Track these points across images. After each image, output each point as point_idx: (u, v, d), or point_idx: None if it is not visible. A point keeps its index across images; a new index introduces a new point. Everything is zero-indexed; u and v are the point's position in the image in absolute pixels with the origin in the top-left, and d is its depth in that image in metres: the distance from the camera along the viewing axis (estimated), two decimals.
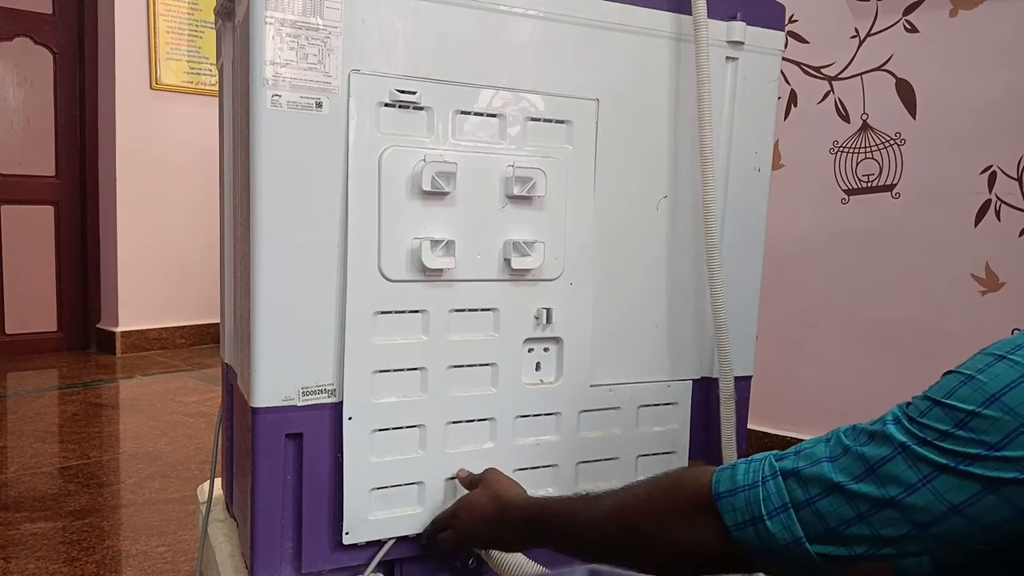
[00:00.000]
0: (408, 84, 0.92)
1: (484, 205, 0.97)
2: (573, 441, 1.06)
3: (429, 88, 0.93)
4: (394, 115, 0.91)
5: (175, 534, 1.64)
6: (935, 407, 0.56)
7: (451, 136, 0.95)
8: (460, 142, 0.95)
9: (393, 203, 0.91)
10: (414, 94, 0.92)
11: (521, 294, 1.00)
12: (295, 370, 0.89)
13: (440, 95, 0.93)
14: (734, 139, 1.13)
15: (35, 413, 2.55)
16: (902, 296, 1.86)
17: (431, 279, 0.94)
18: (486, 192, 0.97)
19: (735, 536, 0.63)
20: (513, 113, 0.97)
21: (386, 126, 0.91)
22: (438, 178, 0.92)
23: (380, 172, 0.90)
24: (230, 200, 1.11)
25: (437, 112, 0.93)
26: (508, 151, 0.98)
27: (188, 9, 3.55)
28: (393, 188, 0.91)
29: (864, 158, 1.91)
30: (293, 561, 0.92)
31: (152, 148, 3.50)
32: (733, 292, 1.14)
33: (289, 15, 0.85)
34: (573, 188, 1.02)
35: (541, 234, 1.00)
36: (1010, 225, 1.71)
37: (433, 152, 0.93)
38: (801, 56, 2.00)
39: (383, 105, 0.90)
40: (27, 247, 3.45)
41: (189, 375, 3.14)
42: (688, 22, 1.04)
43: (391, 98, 0.91)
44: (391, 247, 0.92)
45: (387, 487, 0.95)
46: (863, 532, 0.58)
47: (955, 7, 1.76)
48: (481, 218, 0.97)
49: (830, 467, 0.59)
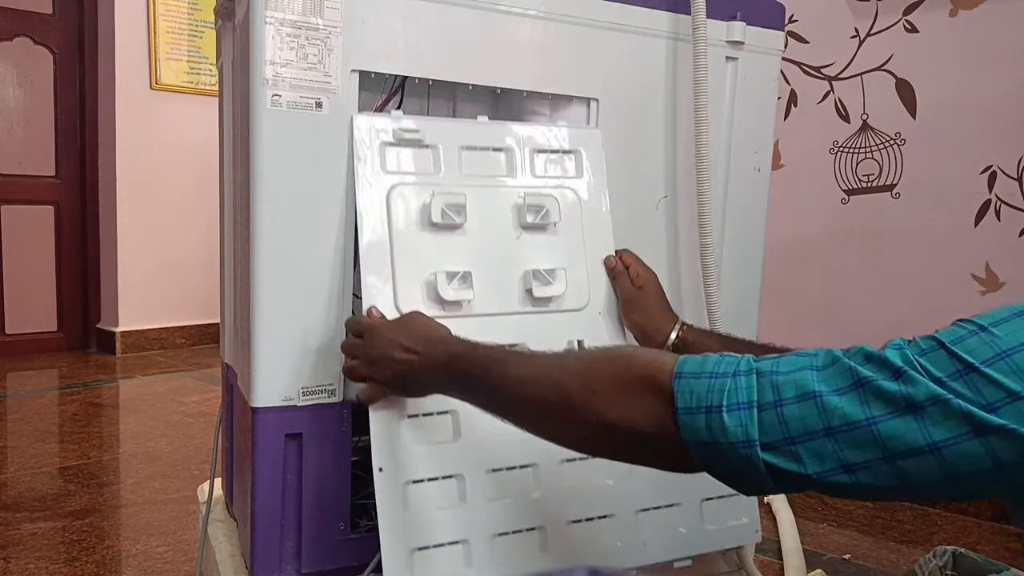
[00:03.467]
0: (411, 123, 0.91)
1: (499, 235, 0.94)
2: (626, 483, 0.95)
3: (433, 126, 0.92)
4: (399, 154, 0.90)
5: (175, 534, 1.64)
6: (939, 349, 0.52)
7: (460, 170, 0.93)
8: (469, 176, 0.93)
9: (405, 238, 0.89)
10: (417, 132, 0.91)
11: (548, 326, 0.95)
12: (295, 370, 0.89)
13: (445, 132, 0.92)
14: (734, 139, 1.13)
15: (35, 413, 2.55)
16: (902, 296, 1.86)
17: (451, 314, 0.89)
18: (499, 222, 0.94)
19: (682, 419, 0.58)
20: (520, 146, 0.96)
21: (392, 165, 0.90)
22: (448, 210, 0.89)
23: (389, 209, 0.89)
24: (230, 200, 1.11)
25: (443, 149, 0.92)
26: (518, 182, 0.96)
27: (188, 9, 3.55)
28: (404, 223, 0.89)
29: (864, 158, 1.91)
30: (293, 561, 0.92)
31: (152, 148, 3.49)
32: (733, 292, 1.14)
33: (289, 15, 0.85)
34: (589, 215, 0.99)
35: (561, 261, 0.96)
36: (1010, 225, 1.71)
37: (442, 186, 0.91)
38: (801, 56, 2.00)
39: (388, 145, 0.89)
40: (27, 247, 3.45)
41: (189, 375, 3.13)
42: (688, 22, 1.04)
43: (395, 138, 0.90)
44: (406, 282, 0.88)
45: (428, 547, 0.84)
46: (825, 448, 0.53)
47: (955, 7, 1.76)
48: (497, 248, 0.94)
49: (813, 375, 0.54)
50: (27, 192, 3.43)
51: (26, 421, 2.45)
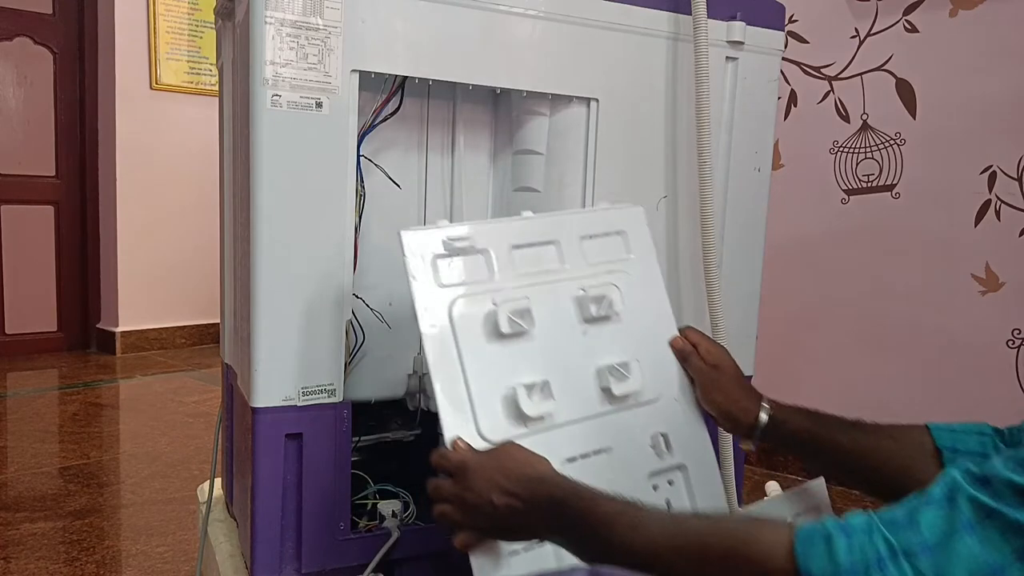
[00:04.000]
0: (459, 231, 0.86)
1: (565, 334, 0.88)
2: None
3: (481, 230, 0.87)
4: (451, 264, 0.85)
5: (175, 534, 1.64)
6: None
7: (513, 270, 0.87)
8: (523, 275, 0.88)
9: (474, 353, 0.82)
10: (467, 239, 0.86)
11: (630, 425, 0.88)
12: (295, 370, 0.89)
13: (493, 234, 0.88)
14: (734, 139, 1.13)
15: (35, 413, 2.55)
16: (902, 296, 1.86)
17: (535, 430, 0.82)
18: (563, 319, 0.88)
19: None
20: (566, 236, 0.91)
21: (447, 277, 0.84)
22: (515, 318, 0.83)
23: (454, 327, 0.82)
24: (230, 200, 1.11)
25: (494, 252, 0.87)
26: (573, 273, 0.90)
27: (188, 9, 3.55)
28: (470, 338, 0.82)
29: (864, 158, 1.91)
30: (293, 561, 0.92)
31: (152, 148, 3.49)
32: (733, 292, 1.14)
33: (289, 15, 0.85)
34: (647, 297, 0.94)
35: (630, 351, 0.90)
36: (1010, 225, 1.71)
37: (501, 292, 0.85)
38: (801, 56, 2.00)
39: (439, 257, 0.84)
40: (27, 247, 3.45)
41: (189, 375, 3.13)
42: (688, 22, 1.04)
43: (446, 249, 0.84)
44: (485, 402, 0.81)
45: None
46: None
47: (955, 7, 1.76)
48: (566, 348, 0.87)
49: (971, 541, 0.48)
50: (27, 192, 3.43)
51: (26, 421, 2.45)
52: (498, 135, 1.08)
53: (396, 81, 0.97)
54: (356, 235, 0.94)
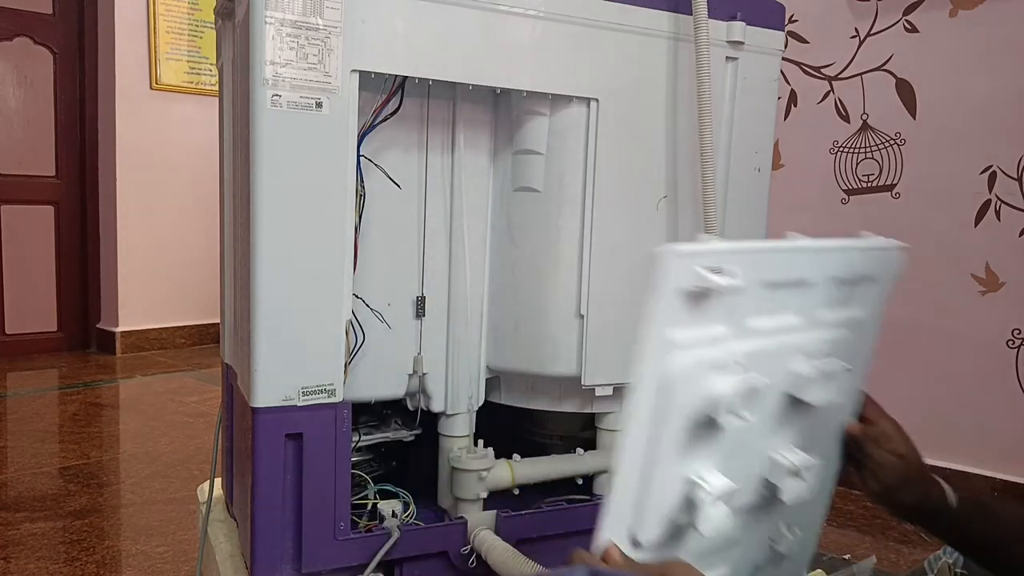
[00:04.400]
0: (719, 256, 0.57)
1: (766, 418, 0.64)
2: None
3: (739, 257, 0.59)
4: (701, 307, 0.57)
5: (175, 534, 1.64)
6: None
7: (757, 320, 0.62)
8: (763, 333, 0.63)
9: (675, 441, 0.58)
10: (726, 273, 0.57)
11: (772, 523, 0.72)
12: (295, 370, 0.89)
13: (751, 264, 0.60)
14: (734, 139, 1.13)
15: (35, 413, 2.55)
16: (902, 296, 1.85)
17: (698, 550, 0.63)
18: (772, 400, 0.65)
19: None
20: (820, 276, 0.69)
21: (689, 329, 0.57)
22: (740, 404, 0.58)
23: (673, 401, 0.56)
24: (230, 200, 1.11)
25: (748, 291, 0.59)
26: (806, 334, 0.67)
27: (188, 9, 3.55)
28: (677, 421, 0.58)
29: (864, 158, 1.91)
30: (293, 561, 0.92)
31: (152, 148, 3.50)
32: None
33: (289, 15, 0.85)
34: (856, 377, 0.74)
35: (815, 441, 0.69)
36: (1010, 225, 1.71)
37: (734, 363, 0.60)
38: (801, 56, 2.00)
39: (693, 297, 0.56)
40: (27, 247, 3.45)
41: (189, 375, 3.13)
42: (688, 22, 1.04)
43: (698, 282, 0.55)
44: (657, 505, 0.59)
45: None
46: None
47: (955, 7, 1.76)
48: (758, 436, 0.65)
49: None
50: (27, 192, 3.43)
51: (26, 421, 2.45)
52: (498, 135, 1.08)
53: (396, 81, 0.97)
54: (356, 235, 0.94)
